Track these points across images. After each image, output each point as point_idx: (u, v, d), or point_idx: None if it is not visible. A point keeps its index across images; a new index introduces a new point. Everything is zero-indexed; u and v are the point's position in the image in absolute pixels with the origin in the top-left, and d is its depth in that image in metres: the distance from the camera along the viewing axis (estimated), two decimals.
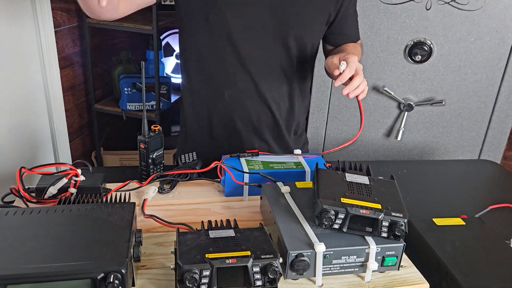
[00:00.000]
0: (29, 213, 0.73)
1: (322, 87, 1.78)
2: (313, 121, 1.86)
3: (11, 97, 1.52)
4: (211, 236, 0.71)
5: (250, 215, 0.91)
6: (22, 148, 1.61)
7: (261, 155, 1.02)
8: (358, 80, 0.96)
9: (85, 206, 0.76)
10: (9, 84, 1.51)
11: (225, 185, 0.95)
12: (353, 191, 0.77)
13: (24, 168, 0.84)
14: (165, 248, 0.79)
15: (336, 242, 0.71)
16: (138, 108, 1.97)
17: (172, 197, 0.95)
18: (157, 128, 1.07)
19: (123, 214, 0.73)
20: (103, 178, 0.94)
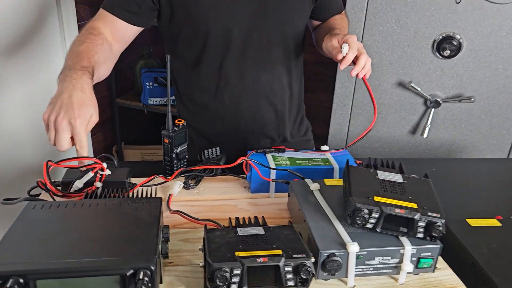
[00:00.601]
0: (56, 207, 0.72)
1: (346, 83, 1.75)
2: (336, 117, 1.82)
3: (34, 91, 1.53)
4: (239, 234, 0.70)
5: (277, 212, 0.89)
6: (43, 142, 1.62)
7: (288, 151, 1.00)
8: (363, 59, 0.95)
9: (112, 200, 0.75)
10: (32, 78, 1.52)
11: (251, 181, 0.93)
12: (386, 189, 0.74)
13: (51, 161, 0.83)
14: (192, 244, 0.78)
15: (369, 242, 0.69)
16: (159, 103, 1.97)
17: (197, 192, 0.94)
18: (181, 123, 1.05)
19: (150, 209, 0.72)
20: (128, 172, 0.93)
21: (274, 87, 1.20)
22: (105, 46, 1.00)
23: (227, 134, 1.24)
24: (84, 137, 0.83)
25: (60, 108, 0.81)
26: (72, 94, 0.82)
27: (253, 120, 1.22)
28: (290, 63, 1.21)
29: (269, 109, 1.22)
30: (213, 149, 1.18)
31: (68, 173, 0.90)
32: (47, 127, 0.82)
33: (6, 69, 1.38)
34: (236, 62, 1.14)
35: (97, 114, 0.86)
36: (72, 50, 0.95)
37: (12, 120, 1.43)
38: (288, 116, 1.27)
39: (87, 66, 0.90)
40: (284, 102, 1.24)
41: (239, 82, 1.16)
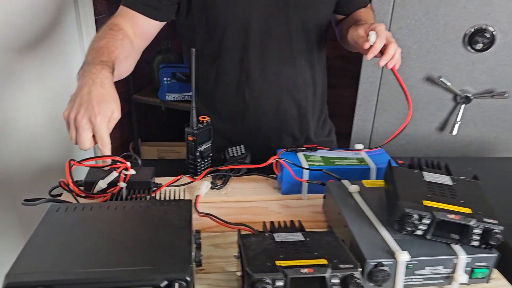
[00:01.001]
0: (81, 209, 0.68)
1: (371, 77, 1.68)
2: (360, 113, 1.76)
3: (51, 87, 1.49)
4: (277, 240, 0.64)
5: (311, 215, 0.83)
6: (61, 139, 1.59)
7: (320, 150, 0.94)
8: (392, 48, 0.89)
9: (139, 203, 0.71)
10: (50, 75, 1.48)
11: (282, 181, 0.88)
12: (436, 192, 0.68)
13: (73, 160, 0.79)
14: (224, 250, 0.73)
15: (419, 251, 0.63)
16: (177, 99, 1.92)
17: (225, 193, 0.89)
18: (206, 120, 1.00)
19: (181, 212, 0.67)
20: (153, 172, 0.88)
21: (296, 82, 1.15)
22: (126, 42, 0.96)
23: (248, 132, 1.19)
24: (105, 134, 0.78)
25: (79, 105, 0.77)
26: (92, 90, 0.78)
27: (275, 117, 1.17)
28: (312, 57, 1.16)
29: (291, 105, 1.17)
30: (237, 147, 1.13)
31: (90, 172, 0.85)
32: (68, 126, 0.78)
33: (23, 66, 1.34)
34: (257, 55, 1.09)
35: (119, 110, 0.81)
36: (91, 46, 0.91)
37: (30, 118, 1.39)
38: (311, 113, 1.22)
39: (107, 60, 0.86)
40: (308, 98, 1.19)
41: (260, 77, 1.11)
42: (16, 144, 1.35)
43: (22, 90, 1.34)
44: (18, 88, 1.32)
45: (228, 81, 1.14)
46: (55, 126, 1.50)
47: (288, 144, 1.20)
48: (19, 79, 1.32)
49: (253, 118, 1.17)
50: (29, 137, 1.40)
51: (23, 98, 1.35)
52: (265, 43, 1.08)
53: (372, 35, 0.90)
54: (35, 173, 1.44)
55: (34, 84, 1.39)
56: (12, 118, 1.32)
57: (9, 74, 1.28)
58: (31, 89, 1.38)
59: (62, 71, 1.54)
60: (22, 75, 1.34)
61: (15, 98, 1.32)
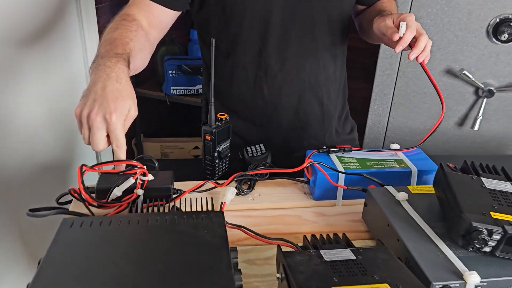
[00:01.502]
0: (98, 224, 0.59)
1: (387, 70, 1.60)
2: (375, 107, 1.68)
3: (51, 82, 1.39)
4: (326, 259, 0.56)
5: (349, 224, 0.75)
6: (61, 137, 1.49)
7: (354, 151, 0.86)
8: (424, 41, 0.83)
9: (164, 215, 0.62)
10: (50, 68, 1.38)
11: (315, 186, 0.79)
12: (501, 202, 0.61)
13: (85, 165, 0.70)
14: (259, 268, 0.64)
15: (489, 270, 0.55)
16: (183, 93, 1.83)
17: (252, 200, 0.80)
18: (224, 117, 0.92)
19: (213, 227, 0.59)
20: (172, 176, 0.79)
21: (319, 77, 1.07)
22: (141, 33, 0.87)
23: (266, 131, 1.11)
24: (121, 134, 0.70)
25: (93, 101, 0.69)
26: (106, 85, 0.70)
27: (296, 114, 1.09)
28: (335, 50, 1.08)
29: (313, 102, 1.08)
30: (256, 146, 1.05)
31: (102, 178, 0.76)
32: (80, 124, 0.69)
33: (22, 60, 1.24)
34: (277, 48, 1.01)
35: (135, 107, 0.73)
36: (104, 38, 0.82)
37: (29, 115, 1.30)
38: (333, 110, 1.14)
39: (122, 53, 0.77)
40: (330, 94, 1.11)
41: (280, 71, 1.03)
42: (15, 143, 1.25)
43: (22, 86, 1.24)
44: (17, 84, 1.22)
45: (244, 77, 1.05)
46: (55, 124, 1.41)
47: (308, 143, 1.12)
48: (18, 74, 1.23)
49: (272, 116, 1.08)
50: (28, 135, 1.30)
51: (23, 94, 1.25)
52: (286, 35, 1.00)
53: (403, 25, 0.84)
54: (34, 173, 1.35)
55: (34, 80, 1.30)
56: (11, 115, 1.22)
57: (8, 69, 1.18)
58: (30, 85, 1.28)
59: (62, 66, 1.44)
60: (21, 70, 1.24)
61: (15, 94, 1.22)
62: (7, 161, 1.23)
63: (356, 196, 0.79)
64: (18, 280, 1.34)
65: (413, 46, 0.84)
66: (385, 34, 0.89)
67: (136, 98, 0.73)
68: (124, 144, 0.71)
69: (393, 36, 0.84)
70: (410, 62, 1.59)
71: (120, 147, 0.70)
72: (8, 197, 1.25)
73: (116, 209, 0.72)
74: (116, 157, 0.72)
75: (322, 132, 1.13)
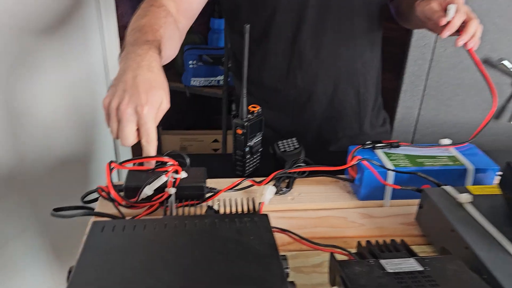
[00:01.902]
0: (132, 228, 0.53)
1: (419, 60, 1.52)
2: (405, 99, 1.60)
3: (68, 73, 1.34)
4: (388, 270, 0.50)
5: (400, 228, 0.68)
6: (78, 130, 1.44)
7: (402, 146, 0.79)
8: (473, 26, 0.77)
9: (203, 218, 0.56)
10: (67, 58, 1.33)
11: (361, 185, 0.72)
12: None
13: (114, 162, 0.64)
14: (307, 276, 0.58)
15: None
16: (203, 84, 1.76)
17: (291, 199, 0.74)
18: (257, 109, 0.86)
19: (259, 232, 0.53)
20: (205, 174, 0.73)
21: (356, 65, 1.00)
22: (170, 20, 0.81)
23: (297, 122, 1.04)
24: (152, 129, 0.64)
25: (123, 92, 0.62)
26: (138, 74, 0.63)
27: (330, 105, 1.02)
28: (373, 36, 1.01)
29: (349, 91, 1.02)
30: (288, 140, 0.98)
31: (131, 175, 0.70)
32: (108, 116, 0.63)
33: (40, 49, 1.19)
34: (312, 34, 0.94)
35: (168, 98, 0.66)
36: (132, 26, 0.76)
37: (46, 106, 1.24)
38: (369, 100, 1.07)
39: (153, 40, 0.71)
40: (366, 83, 1.04)
41: (315, 59, 0.97)
42: (32, 136, 1.20)
43: (39, 76, 1.19)
44: (34, 75, 1.17)
45: (276, 64, 0.99)
46: (73, 116, 1.36)
47: (343, 135, 1.06)
48: (35, 65, 1.17)
49: (305, 106, 1.02)
50: (45, 128, 1.25)
51: (40, 85, 1.20)
52: (323, 19, 0.93)
53: (452, 9, 0.77)
54: (51, 167, 1.30)
55: (51, 71, 1.24)
56: (28, 107, 1.17)
57: (25, 60, 1.13)
58: (48, 76, 1.23)
59: (80, 57, 1.39)
60: (39, 60, 1.18)
61: (32, 86, 1.17)
62: (24, 155, 1.18)
63: (403, 196, 0.73)
64: (37, 277, 1.30)
65: (461, 32, 0.78)
66: (431, 19, 0.82)
67: (168, 89, 0.67)
68: (155, 139, 0.65)
69: (441, 21, 0.78)
70: (445, 51, 1.50)
71: (151, 142, 0.64)
72: (25, 192, 1.20)
73: (147, 210, 0.66)
74: (146, 153, 0.66)
75: (357, 123, 1.06)
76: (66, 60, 1.31)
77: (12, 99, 1.10)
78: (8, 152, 1.11)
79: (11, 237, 1.17)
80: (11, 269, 1.19)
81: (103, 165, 0.69)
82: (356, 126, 1.07)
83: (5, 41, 1.05)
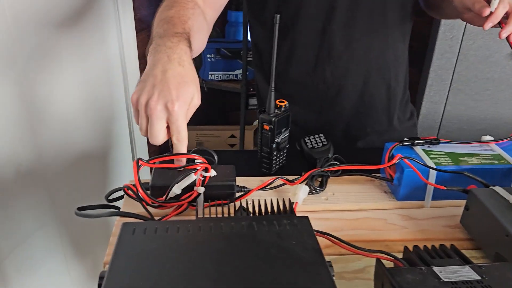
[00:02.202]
0: (164, 230, 0.49)
1: (447, 53, 1.46)
2: (430, 94, 1.55)
3: (87, 67, 1.31)
4: (443, 279, 0.46)
5: (444, 231, 0.64)
6: (97, 124, 1.42)
7: (442, 144, 0.74)
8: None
9: (239, 220, 0.52)
10: (86, 51, 1.30)
11: (400, 185, 0.68)
12: None
13: (141, 160, 0.61)
14: (349, 283, 0.54)
15: None
16: (221, 78, 1.72)
17: (325, 199, 0.70)
18: (284, 104, 0.82)
19: (302, 237, 0.49)
20: (234, 171, 0.69)
21: (387, 57, 0.96)
22: (198, 11, 0.77)
23: (326, 117, 1.00)
24: (183, 126, 0.60)
25: (152, 87, 0.59)
26: (168, 68, 0.60)
27: (360, 99, 0.98)
28: (405, 26, 0.97)
29: (380, 85, 0.98)
30: (315, 136, 0.95)
31: (156, 174, 0.67)
32: (136, 113, 0.60)
33: (60, 42, 1.16)
34: (343, 25, 0.90)
35: (199, 94, 0.63)
36: (159, 18, 0.72)
37: (65, 100, 1.22)
38: (399, 93, 1.02)
39: (182, 32, 0.67)
40: (398, 76, 1.00)
41: (345, 52, 0.92)
42: (50, 130, 1.17)
43: (57, 71, 1.16)
44: (53, 69, 1.14)
45: (304, 58, 0.95)
46: (90, 110, 1.33)
47: (372, 130, 1.02)
48: (54, 59, 1.14)
49: (334, 101, 0.98)
50: (63, 122, 1.23)
51: (59, 78, 1.17)
52: (355, 9, 0.89)
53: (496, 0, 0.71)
54: (70, 162, 1.28)
55: (69, 65, 1.21)
56: (47, 101, 1.14)
57: (44, 54, 1.10)
58: (66, 70, 1.20)
59: (98, 49, 1.36)
60: (57, 55, 1.15)
61: (51, 79, 1.14)
62: (42, 150, 1.15)
63: (442, 196, 0.68)
64: (54, 273, 1.28)
65: (504, 23, 0.73)
66: (472, 9, 0.77)
67: (199, 85, 0.63)
68: (186, 137, 0.61)
69: (483, 11, 0.72)
70: (473, 44, 1.45)
71: (182, 140, 0.61)
72: (44, 187, 1.18)
73: (176, 210, 0.62)
74: (176, 151, 0.62)
75: (386, 118, 1.02)
76: (84, 54, 1.28)
77: (31, 93, 1.07)
78: (27, 147, 1.08)
79: (30, 233, 1.15)
80: (29, 265, 1.17)
81: (120, 159, 0.66)
82: (385, 121, 1.03)
83: (26, 35, 1.02)
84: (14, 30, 0.98)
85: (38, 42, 1.07)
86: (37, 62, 1.08)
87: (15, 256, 1.10)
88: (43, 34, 1.09)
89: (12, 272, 1.10)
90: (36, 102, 1.10)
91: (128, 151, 1.62)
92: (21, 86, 1.03)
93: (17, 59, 1.00)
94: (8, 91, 0.99)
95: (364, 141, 1.03)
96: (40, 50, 1.08)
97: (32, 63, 1.05)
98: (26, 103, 1.05)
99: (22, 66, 1.02)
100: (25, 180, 1.09)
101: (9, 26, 0.97)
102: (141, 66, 1.64)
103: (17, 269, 1.12)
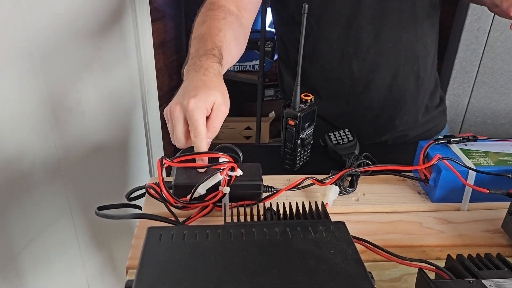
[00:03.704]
0: (193, 236, 0.46)
1: (472, 44, 1.41)
2: (454, 86, 1.49)
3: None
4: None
5: (483, 236, 0.60)
6: (113, 114, 1.39)
7: (480, 141, 0.70)
8: None
9: (271, 225, 0.49)
10: (104, 39, 1.27)
11: (437, 186, 0.64)
12: None
13: (165, 158, 0.58)
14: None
15: None
16: (238, 69, 1.69)
17: (356, 200, 0.67)
18: (310, 98, 0.79)
19: (340, 245, 0.46)
20: (260, 170, 0.66)
21: (416, 49, 0.91)
22: (230, 19, 0.78)
23: (352, 112, 0.97)
24: (199, 121, 0.59)
25: (176, 96, 0.63)
26: (193, 79, 0.63)
27: (389, 92, 0.94)
28: (434, 16, 0.93)
29: (409, 77, 0.94)
30: (340, 131, 0.91)
31: (180, 172, 0.64)
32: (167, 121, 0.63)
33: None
34: (370, 18, 0.86)
35: (226, 101, 0.64)
36: (194, 35, 0.75)
37: (82, 91, 1.19)
38: (428, 83, 0.98)
39: (211, 48, 0.70)
40: (426, 67, 0.95)
41: (373, 45, 0.88)
42: (67, 123, 1.15)
43: (75, 63, 1.14)
44: (71, 61, 1.12)
45: (329, 53, 0.91)
46: (107, 102, 1.31)
47: (400, 122, 0.98)
48: (72, 50, 1.12)
49: (361, 96, 0.94)
50: (80, 114, 1.20)
51: (75, 71, 1.15)
52: (382, 2, 0.84)
53: None
54: (86, 154, 1.26)
55: (87, 57, 1.19)
56: (64, 94, 1.12)
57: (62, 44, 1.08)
58: (83, 62, 1.18)
59: (115, 41, 1.33)
60: (75, 46, 1.13)
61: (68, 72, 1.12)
62: (58, 143, 1.13)
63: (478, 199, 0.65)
64: (68, 268, 1.27)
65: None
66: (499, 6, 0.72)
67: (227, 93, 0.64)
68: (204, 133, 0.59)
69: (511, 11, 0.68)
70: (501, 35, 1.39)
71: (198, 136, 0.59)
72: (60, 181, 1.16)
73: (201, 211, 0.59)
74: (196, 149, 0.59)
75: (415, 109, 0.98)
76: (100, 44, 1.25)
77: (47, 87, 1.05)
78: (43, 140, 1.06)
79: (45, 227, 1.14)
80: (44, 258, 1.16)
81: (135, 152, 0.64)
82: (414, 112, 0.99)
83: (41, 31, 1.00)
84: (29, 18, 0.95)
85: (53, 34, 1.04)
86: (54, 55, 1.05)
87: (30, 250, 1.09)
88: (58, 26, 1.06)
89: (28, 265, 1.09)
90: (53, 95, 1.07)
91: (143, 143, 1.60)
92: (37, 80, 1.01)
93: (34, 53, 0.98)
94: (25, 84, 0.97)
95: (390, 134, 0.99)
96: (56, 42, 1.06)
97: (49, 57, 1.03)
98: (43, 96, 1.03)
99: (39, 60, 1.00)
100: (40, 173, 1.07)
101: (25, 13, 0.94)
102: (156, 56, 1.61)
103: (32, 263, 1.11)
